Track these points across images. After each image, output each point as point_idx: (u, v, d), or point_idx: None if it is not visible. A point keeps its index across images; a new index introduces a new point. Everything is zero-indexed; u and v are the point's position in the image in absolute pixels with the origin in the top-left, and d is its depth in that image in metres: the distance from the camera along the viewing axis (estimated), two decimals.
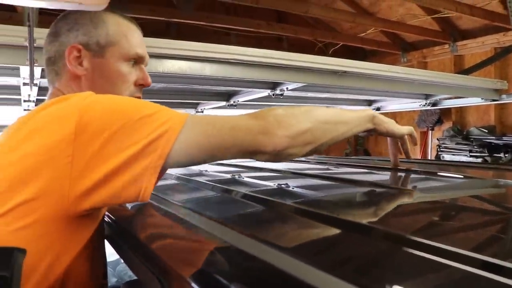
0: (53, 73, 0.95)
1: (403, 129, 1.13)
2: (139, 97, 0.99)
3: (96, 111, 0.71)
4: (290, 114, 0.82)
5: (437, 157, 5.62)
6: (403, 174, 1.39)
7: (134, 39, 0.97)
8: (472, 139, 5.32)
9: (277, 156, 0.80)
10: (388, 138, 1.20)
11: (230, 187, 1.15)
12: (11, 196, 0.67)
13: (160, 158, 0.70)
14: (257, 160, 0.81)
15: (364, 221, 0.71)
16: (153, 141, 0.69)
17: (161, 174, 0.73)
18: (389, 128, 1.07)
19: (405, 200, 0.97)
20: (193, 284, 0.53)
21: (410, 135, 1.17)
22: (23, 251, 0.60)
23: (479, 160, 5.00)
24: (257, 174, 1.63)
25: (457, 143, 5.43)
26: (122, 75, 0.95)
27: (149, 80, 1.00)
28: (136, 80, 0.98)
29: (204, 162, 0.78)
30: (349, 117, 0.95)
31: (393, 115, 6.71)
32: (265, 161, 0.81)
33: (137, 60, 0.98)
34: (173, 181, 1.45)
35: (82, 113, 0.69)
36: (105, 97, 0.77)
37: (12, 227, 0.66)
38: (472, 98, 2.73)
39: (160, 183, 1.43)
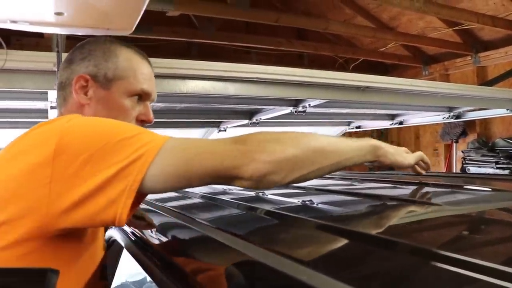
0: (61, 98, 0.98)
1: (410, 159, 1.08)
2: None
3: (77, 133, 0.72)
4: (275, 139, 0.78)
5: (463, 169, 5.51)
6: (427, 189, 1.38)
7: (142, 75, 0.98)
8: (498, 150, 5.21)
9: (257, 183, 0.76)
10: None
11: (254, 204, 1.16)
12: None
13: (135, 182, 0.69)
14: (236, 186, 0.77)
15: (390, 236, 0.71)
16: (129, 164, 0.69)
17: (141, 199, 0.73)
18: (395, 159, 1.02)
19: (431, 214, 0.96)
20: None
21: (422, 161, 1.14)
22: (56, 272, 0.62)
23: (506, 172, 4.89)
24: (281, 191, 1.64)
25: (483, 155, 5.33)
26: (124, 110, 0.96)
27: (151, 117, 1.01)
28: (139, 115, 0.99)
29: (182, 187, 0.77)
30: (346, 146, 0.89)
31: (416, 128, 6.66)
32: (244, 187, 0.77)
33: (143, 97, 0.99)
34: (198, 200, 1.46)
35: (62, 135, 0.71)
36: (88, 119, 0.79)
37: None
38: (497, 109, 2.69)
39: (186, 201, 1.46)
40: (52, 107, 1.74)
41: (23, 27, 0.83)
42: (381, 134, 7.23)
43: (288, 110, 2.11)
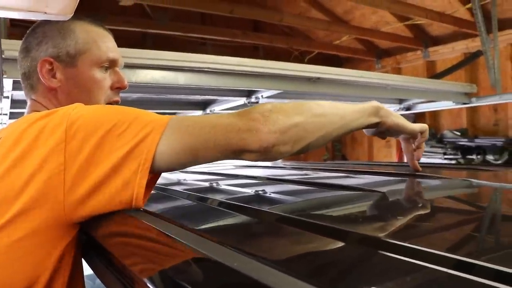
0: (29, 87, 0.96)
1: (415, 125, 1.03)
2: (117, 101, 1.00)
3: (84, 119, 0.71)
4: (278, 109, 0.76)
5: None
6: (377, 177, 1.41)
7: (104, 44, 0.98)
8: (446, 142, 5.42)
9: (265, 154, 0.75)
10: (401, 139, 1.08)
11: (206, 195, 1.15)
12: (8, 207, 0.67)
13: (147, 161, 0.70)
14: (245, 160, 0.76)
15: (341, 226, 0.72)
16: (138, 143, 0.70)
17: (155, 178, 0.74)
18: (398, 121, 0.97)
19: (380, 202, 0.98)
20: None
21: (422, 133, 1.05)
22: None
23: (453, 162, 5.10)
24: (235, 182, 1.64)
25: (432, 146, 5.53)
26: (97, 82, 0.95)
27: (125, 82, 1.00)
28: (112, 84, 0.98)
29: (190, 163, 0.76)
30: (349, 109, 0.87)
31: None
32: (254, 160, 0.77)
33: (111, 64, 0.98)
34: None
35: (70, 122, 0.70)
36: (91, 107, 0.78)
37: (14, 238, 0.67)
38: (444, 101, 2.79)
39: None
40: None
41: None
42: None
43: (241, 101, 2.11)
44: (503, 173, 1.49)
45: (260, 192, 1.19)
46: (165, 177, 1.90)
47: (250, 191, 1.25)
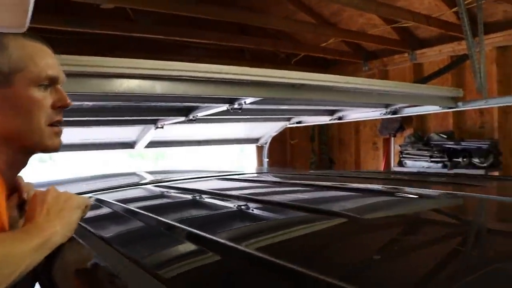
0: None
1: (78, 213, 0.93)
2: (59, 121, 0.92)
3: None
4: None
5: (400, 163, 5.70)
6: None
7: (43, 60, 0.89)
8: (432, 144, 5.42)
9: None
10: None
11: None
12: None
13: None
14: None
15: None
16: None
17: None
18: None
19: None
20: None
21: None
22: None
23: (439, 165, 5.11)
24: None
25: (419, 149, 5.52)
26: (35, 102, 0.87)
27: (68, 100, 0.92)
28: (53, 103, 0.90)
29: None
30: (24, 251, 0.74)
31: (355, 123, 6.80)
32: None
33: (50, 82, 0.90)
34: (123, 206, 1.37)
35: None
36: None
37: None
38: (430, 106, 2.77)
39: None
40: None
41: None
42: (321, 129, 7.35)
43: (224, 107, 2.06)
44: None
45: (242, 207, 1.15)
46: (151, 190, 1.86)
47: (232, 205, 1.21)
